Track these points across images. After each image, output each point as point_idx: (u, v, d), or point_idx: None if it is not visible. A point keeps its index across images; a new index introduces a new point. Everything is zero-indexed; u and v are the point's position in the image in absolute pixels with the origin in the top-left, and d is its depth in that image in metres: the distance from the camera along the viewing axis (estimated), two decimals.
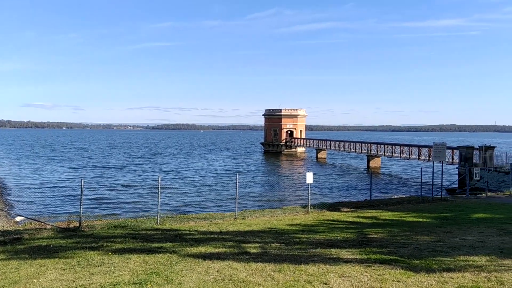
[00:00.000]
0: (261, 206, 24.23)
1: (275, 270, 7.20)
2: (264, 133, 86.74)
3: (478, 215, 15.91)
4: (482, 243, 9.73)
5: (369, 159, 54.49)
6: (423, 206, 19.67)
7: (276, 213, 17.54)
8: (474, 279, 6.17)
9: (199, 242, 10.68)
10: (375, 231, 12.40)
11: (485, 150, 33.21)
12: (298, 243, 10.45)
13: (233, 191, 18.12)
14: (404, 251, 8.86)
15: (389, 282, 6.13)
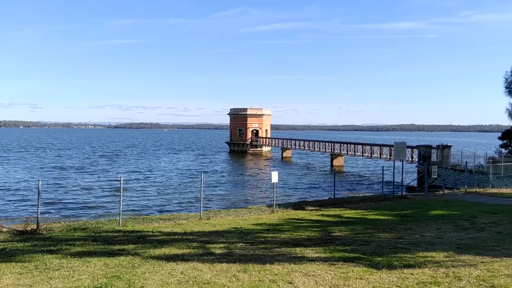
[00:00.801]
0: (226, 206, 24.12)
1: (240, 271, 7.16)
2: (230, 132, 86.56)
3: (436, 212, 16.47)
4: (440, 239, 10.06)
5: (333, 158, 55.44)
6: (385, 204, 20.16)
7: (241, 213, 17.50)
8: (433, 275, 6.35)
9: (162, 244, 10.49)
10: (338, 229, 12.59)
11: (442, 149, 34.49)
12: (263, 242, 10.45)
13: (198, 191, 17.96)
14: (366, 248, 9.03)
15: (352, 280, 6.21)
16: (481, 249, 8.41)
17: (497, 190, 24.63)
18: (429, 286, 5.75)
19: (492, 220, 13.34)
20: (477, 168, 29.95)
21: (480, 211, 15.72)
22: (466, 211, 16.17)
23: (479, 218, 13.81)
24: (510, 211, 15.48)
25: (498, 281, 5.78)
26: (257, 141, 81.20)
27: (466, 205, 18.27)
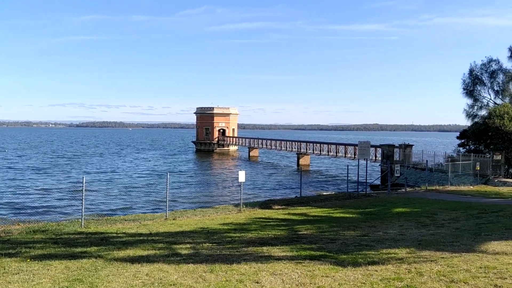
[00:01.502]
0: (193, 206, 23.90)
1: (206, 271, 7.09)
2: (196, 131, 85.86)
3: (399, 209, 16.92)
4: (403, 236, 10.33)
5: (299, 157, 56.01)
6: (350, 202, 20.54)
7: (208, 213, 17.38)
8: (396, 271, 6.50)
9: (127, 245, 10.25)
10: (305, 228, 12.71)
11: (404, 148, 35.50)
12: (230, 242, 10.41)
13: (164, 192, 17.70)
14: (332, 246, 9.15)
15: (318, 278, 6.28)
16: (441, 245, 8.70)
17: (455, 187, 25.59)
18: (392, 282, 5.88)
19: (451, 216, 13.83)
20: (437, 166, 31.00)
21: (439, 208, 16.27)
22: (426, 208, 16.69)
23: (439, 215, 14.28)
24: (467, 207, 16.11)
25: (457, 276, 5.98)
26: (224, 140, 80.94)
27: (427, 203, 18.87)
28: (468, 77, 39.61)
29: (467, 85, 39.62)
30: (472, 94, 39.39)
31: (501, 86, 38.51)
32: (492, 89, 38.98)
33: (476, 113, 39.16)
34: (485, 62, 38.87)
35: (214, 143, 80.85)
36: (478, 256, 7.35)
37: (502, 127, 29.52)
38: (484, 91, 39.30)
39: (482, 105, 39.10)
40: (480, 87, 39.26)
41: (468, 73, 39.56)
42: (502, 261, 6.78)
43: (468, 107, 40.01)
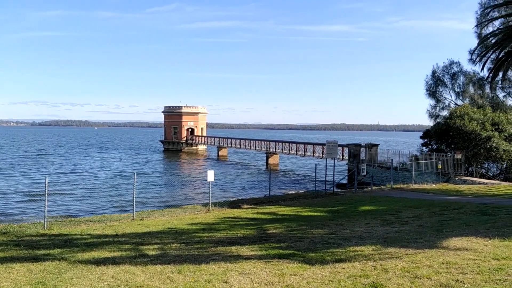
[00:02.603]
0: (161, 206, 23.59)
1: (174, 272, 7.00)
2: (164, 130, 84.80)
3: (365, 207, 17.28)
4: (369, 233, 10.55)
5: (268, 156, 56.27)
6: (317, 201, 20.80)
7: (176, 213, 17.19)
8: (362, 268, 6.63)
9: (92, 247, 10.01)
10: (274, 227, 12.77)
11: (370, 148, 36.27)
12: (199, 242, 10.33)
13: (131, 192, 17.37)
14: (300, 245, 9.23)
15: (287, 276, 6.31)
16: (405, 242, 8.93)
17: (418, 185, 26.35)
18: (359, 279, 5.98)
19: (415, 214, 14.23)
20: (401, 165, 31.84)
21: (404, 206, 16.71)
22: (392, 206, 17.11)
23: (403, 213, 14.67)
24: (430, 205, 16.61)
25: (421, 272, 6.15)
26: (192, 139, 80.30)
27: (392, 201, 19.34)
28: (431, 78, 40.91)
29: (430, 86, 40.91)
30: (434, 95, 40.70)
31: (461, 88, 39.99)
32: (453, 90, 40.42)
33: (438, 113, 40.50)
34: (447, 64, 40.27)
35: (183, 143, 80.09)
36: (440, 252, 7.58)
37: (463, 127, 30.63)
38: (446, 92, 40.71)
39: (444, 106, 40.47)
40: (442, 88, 40.63)
41: (431, 74, 40.86)
42: (463, 257, 7.02)
43: (431, 108, 41.33)
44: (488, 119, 31.22)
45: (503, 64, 23.13)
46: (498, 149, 30.24)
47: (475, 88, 39.64)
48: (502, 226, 10.13)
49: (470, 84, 39.69)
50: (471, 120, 30.82)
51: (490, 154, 31.02)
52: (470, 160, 31.93)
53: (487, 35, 25.67)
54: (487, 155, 31.42)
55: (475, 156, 31.73)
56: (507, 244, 7.81)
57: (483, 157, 32.02)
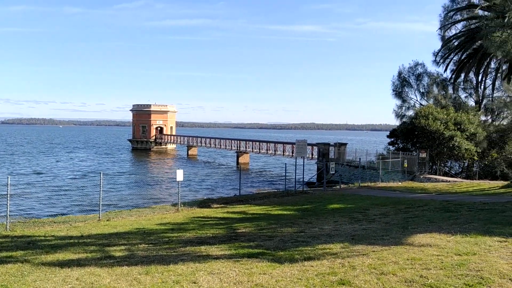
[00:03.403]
0: (128, 206, 23.17)
1: (141, 273, 6.87)
2: (132, 129, 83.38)
3: (334, 205, 17.51)
4: (337, 231, 10.69)
5: (239, 155, 56.26)
6: (287, 199, 20.93)
7: (144, 213, 16.92)
8: (330, 266, 6.70)
9: (56, 249, 9.71)
10: (243, 226, 12.75)
11: (339, 147, 36.85)
12: (168, 242, 10.20)
13: (97, 192, 16.98)
14: (270, 243, 9.25)
15: (256, 276, 6.31)
16: (372, 239, 9.10)
17: (385, 184, 26.95)
18: (327, 276, 6.05)
19: (382, 211, 14.53)
20: (369, 164, 32.50)
21: (371, 204, 17.04)
22: (359, 204, 17.41)
23: (371, 210, 14.95)
24: (396, 203, 17.01)
25: (387, 268, 6.28)
26: (161, 138, 79.31)
27: (360, 199, 19.69)
28: (397, 79, 41.92)
29: (396, 86, 41.93)
30: (400, 95, 41.74)
31: (426, 88, 41.19)
32: (418, 91, 41.58)
33: (404, 113, 41.55)
34: (412, 66, 41.37)
35: (151, 142, 78.98)
36: (405, 248, 7.77)
37: (427, 127, 31.55)
38: (411, 92, 41.82)
39: (409, 106, 41.57)
40: (407, 89, 41.72)
41: (397, 75, 41.88)
42: (427, 253, 7.21)
43: (397, 108, 42.36)
44: (451, 119, 32.29)
45: (465, 66, 24.02)
46: (460, 148, 31.32)
47: (439, 89, 40.93)
48: (463, 223, 10.47)
49: (434, 85, 40.95)
50: (435, 120, 31.78)
51: (452, 152, 32.10)
52: (434, 159, 32.94)
53: (450, 38, 26.59)
54: (450, 153, 32.50)
55: (439, 155, 32.75)
56: (469, 240, 8.08)
57: (446, 155, 33.10)
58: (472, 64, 23.09)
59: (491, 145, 34.08)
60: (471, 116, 33.77)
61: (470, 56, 23.00)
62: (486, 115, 39.47)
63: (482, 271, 5.82)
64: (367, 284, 5.59)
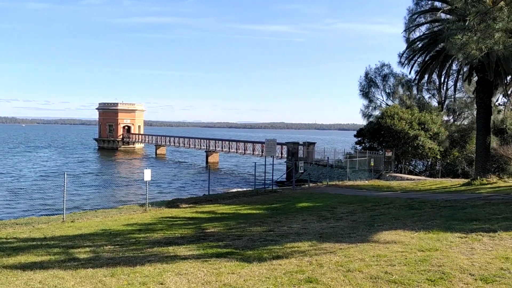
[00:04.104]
0: (94, 207, 22.63)
1: (107, 275, 6.72)
2: (99, 128, 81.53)
3: (302, 204, 17.68)
4: (306, 229, 10.79)
5: (208, 155, 55.96)
6: (257, 199, 20.97)
7: (111, 214, 16.55)
8: (298, 264, 6.76)
9: (18, 251, 9.37)
10: (212, 225, 12.69)
11: (307, 146, 37.24)
12: (134, 243, 10.02)
13: (61, 192, 16.48)
14: (239, 243, 9.24)
15: (224, 275, 6.28)
16: (339, 237, 9.23)
17: (353, 182, 27.44)
18: (295, 275, 6.09)
19: (349, 209, 14.78)
20: (337, 163, 33.03)
21: (339, 202, 17.31)
22: (327, 202, 17.65)
23: (338, 209, 15.18)
24: (363, 201, 17.35)
25: (353, 265, 6.39)
26: (129, 137, 77.92)
27: (328, 197, 19.97)
28: (364, 79, 42.81)
29: (363, 87, 42.81)
30: (367, 95, 42.65)
31: (392, 89, 42.27)
32: (384, 91, 42.61)
33: (371, 113, 42.49)
34: (378, 66, 42.36)
35: (118, 141, 77.46)
36: (371, 245, 7.92)
37: (393, 126, 32.35)
38: (378, 93, 42.81)
39: (376, 106, 42.53)
40: (374, 89, 42.68)
41: (364, 76, 42.77)
42: (392, 250, 7.38)
43: (364, 108, 43.26)
44: (415, 118, 33.23)
45: (428, 67, 24.76)
46: (424, 147, 32.27)
47: (404, 90, 42.06)
48: (427, 219, 10.79)
49: (400, 86, 42.06)
50: (400, 120, 32.61)
51: (417, 151, 33.04)
52: (400, 158, 33.80)
53: (414, 40, 27.34)
54: (414, 152, 33.43)
55: (404, 154, 33.64)
56: (431, 236, 8.32)
57: (411, 154, 34.04)
58: (435, 65, 23.83)
59: (453, 144, 35.30)
60: (434, 116, 34.87)
61: (433, 58, 23.73)
62: (448, 115, 40.91)
63: (443, 266, 6.01)
64: (334, 282, 5.66)
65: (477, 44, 11.97)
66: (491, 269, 5.73)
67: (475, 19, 11.82)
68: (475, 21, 11.84)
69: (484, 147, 22.43)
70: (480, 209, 11.81)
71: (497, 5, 11.57)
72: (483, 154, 22.49)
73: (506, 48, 12.96)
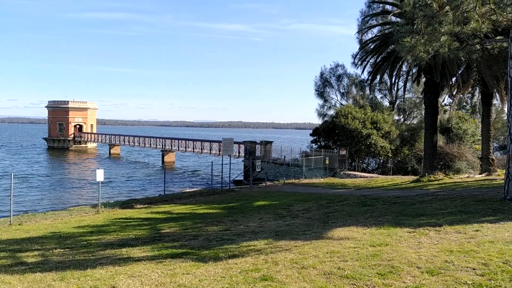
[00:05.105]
0: (44, 209, 21.69)
1: (56, 279, 6.46)
2: (48, 127, 78.23)
3: (259, 203, 17.78)
4: (262, 228, 10.86)
5: (164, 154, 55.09)
6: (214, 198, 20.88)
7: (61, 215, 15.95)
8: (254, 263, 6.78)
9: None
10: (168, 226, 12.51)
11: (265, 145, 37.51)
12: (86, 246, 9.69)
13: (8, 194, 15.69)
14: (195, 243, 9.16)
15: (179, 276, 6.21)
16: (295, 234, 9.37)
17: (309, 180, 27.92)
18: (250, 273, 6.11)
19: (305, 207, 15.02)
20: (293, 161, 33.46)
21: (295, 200, 17.55)
22: (284, 200, 17.85)
23: (294, 206, 15.39)
24: (318, 198, 17.69)
25: (307, 262, 6.49)
26: (81, 137, 75.35)
27: (284, 195, 20.20)
28: (319, 79, 43.63)
29: (319, 87, 43.63)
30: (322, 95, 43.50)
31: (346, 89, 43.37)
32: (339, 91, 43.63)
33: (326, 112, 43.37)
34: (333, 67, 43.31)
35: (70, 140, 74.72)
36: (325, 242, 8.09)
37: (347, 126, 33.20)
38: (333, 92, 43.77)
39: (331, 106, 43.46)
40: (329, 89, 43.60)
41: (319, 76, 43.59)
42: (345, 246, 7.58)
43: (319, 107, 44.09)
44: (368, 118, 34.27)
45: (380, 68, 25.59)
46: (376, 145, 33.35)
47: (357, 90, 43.24)
48: (378, 216, 11.16)
49: (353, 86, 43.20)
50: (354, 119, 33.53)
51: (370, 150, 34.09)
52: (353, 156, 34.74)
53: (366, 41, 28.18)
54: (367, 151, 34.47)
55: (358, 152, 34.60)
56: (382, 232, 8.62)
57: (364, 152, 35.07)
58: (386, 66, 24.66)
59: (403, 143, 36.68)
60: (386, 115, 36.11)
61: (385, 59, 24.55)
62: (399, 115, 42.46)
63: (393, 260, 6.24)
64: (288, 279, 5.73)
65: (425, 46, 12.51)
66: (436, 262, 6.01)
67: (423, 23, 12.35)
68: (423, 24, 12.37)
69: (432, 145, 23.46)
70: (428, 205, 12.35)
71: (443, 10, 12.14)
72: (430, 152, 23.51)
73: (451, 51, 13.63)
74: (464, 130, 34.69)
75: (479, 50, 15.98)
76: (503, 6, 11.74)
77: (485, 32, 13.95)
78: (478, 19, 12.33)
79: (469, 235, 7.68)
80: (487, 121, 24.92)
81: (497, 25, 14.51)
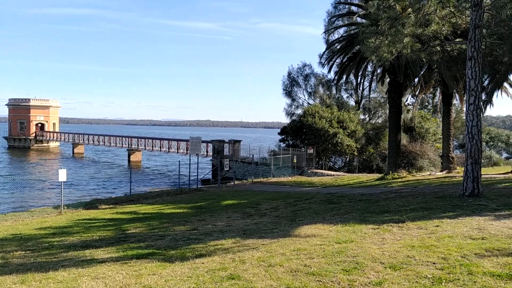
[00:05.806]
0: (3, 210, 20.89)
1: (16, 283, 6.23)
2: (8, 126, 75.32)
3: (227, 202, 17.75)
4: (230, 227, 10.85)
5: (130, 153, 54.11)
6: (181, 197, 20.68)
7: (22, 217, 15.39)
8: (221, 262, 6.76)
9: None
10: (134, 226, 12.29)
11: (233, 144, 37.46)
12: (48, 248, 9.39)
13: None
14: (161, 243, 9.05)
15: (144, 277, 6.11)
16: (262, 233, 9.40)
17: (277, 179, 28.11)
18: (217, 272, 6.09)
19: (272, 205, 15.11)
20: (261, 160, 33.60)
21: (263, 199, 17.63)
22: (252, 199, 17.89)
23: (262, 205, 15.46)
24: (286, 197, 17.84)
25: (274, 260, 6.53)
26: (43, 135, 72.94)
27: (252, 194, 20.25)
28: (287, 79, 44.00)
29: (286, 86, 43.99)
30: (290, 94, 43.89)
31: (313, 88, 43.93)
32: (306, 90, 44.14)
33: (293, 111, 43.80)
34: (301, 67, 43.78)
35: (31, 139, 72.22)
36: (292, 240, 8.17)
37: (314, 125, 33.62)
38: (300, 92, 44.24)
39: (298, 105, 43.94)
40: (297, 88, 44.05)
41: (287, 75, 43.97)
42: (311, 243, 7.67)
43: (287, 106, 44.47)
44: (335, 117, 34.84)
45: (346, 68, 26.07)
46: (342, 144, 33.94)
47: (324, 89, 43.88)
48: (344, 213, 11.36)
49: (320, 85, 43.82)
50: (320, 118, 33.99)
51: (336, 148, 34.66)
52: (321, 154, 35.23)
53: (333, 42, 28.64)
54: (334, 149, 35.03)
55: (324, 151, 35.12)
56: (348, 229, 8.78)
57: (331, 151, 35.63)
58: (352, 66, 25.15)
59: (369, 141, 37.51)
60: (352, 114, 36.80)
61: (351, 60, 25.02)
62: (365, 114, 43.40)
63: (357, 256, 6.37)
64: (255, 277, 5.75)
65: (388, 47, 12.83)
66: (399, 257, 6.18)
67: (386, 24, 12.66)
68: (386, 26, 12.68)
69: (396, 144, 24.11)
70: (391, 202, 12.68)
71: (405, 12, 12.48)
72: (394, 150, 24.16)
73: (413, 52, 14.04)
74: (426, 129, 35.86)
75: (440, 51, 16.54)
76: (462, 9, 12.19)
77: (445, 34, 14.47)
78: (439, 22, 12.75)
79: (430, 230, 7.93)
80: (447, 121, 25.83)
81: (457, 27, 15.07)
